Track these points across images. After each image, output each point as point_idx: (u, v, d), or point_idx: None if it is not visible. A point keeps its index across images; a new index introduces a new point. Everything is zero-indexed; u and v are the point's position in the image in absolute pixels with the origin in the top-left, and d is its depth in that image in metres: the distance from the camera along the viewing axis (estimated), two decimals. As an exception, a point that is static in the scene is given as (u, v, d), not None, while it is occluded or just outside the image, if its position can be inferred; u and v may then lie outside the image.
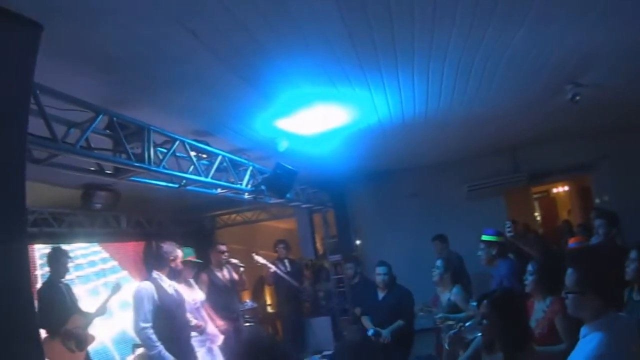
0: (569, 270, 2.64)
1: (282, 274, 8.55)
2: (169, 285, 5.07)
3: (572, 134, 8.46)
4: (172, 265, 5.11)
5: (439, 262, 5.82)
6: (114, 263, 7.95)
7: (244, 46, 3.44)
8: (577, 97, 5.39)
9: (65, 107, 3.13)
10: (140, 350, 5.78)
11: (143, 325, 4.65)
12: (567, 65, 4.82)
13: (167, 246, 5.21)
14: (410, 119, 6.03)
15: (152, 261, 5.24)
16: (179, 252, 5.20)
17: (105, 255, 7.96)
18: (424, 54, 4.06)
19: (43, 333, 5.63)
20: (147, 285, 4.86)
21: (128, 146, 3.71)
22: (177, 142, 4.29)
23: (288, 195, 6.31)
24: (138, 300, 4.77)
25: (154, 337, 4.63)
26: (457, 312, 5.38)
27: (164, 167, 4.16)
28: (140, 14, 2.79)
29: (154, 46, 3.25)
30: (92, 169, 3.81)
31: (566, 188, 12.98)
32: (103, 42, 3.06)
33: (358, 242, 10.09)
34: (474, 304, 4.21)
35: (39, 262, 6.45)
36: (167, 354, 4.59)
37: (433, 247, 8.08)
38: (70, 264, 6.19)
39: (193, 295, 6.03)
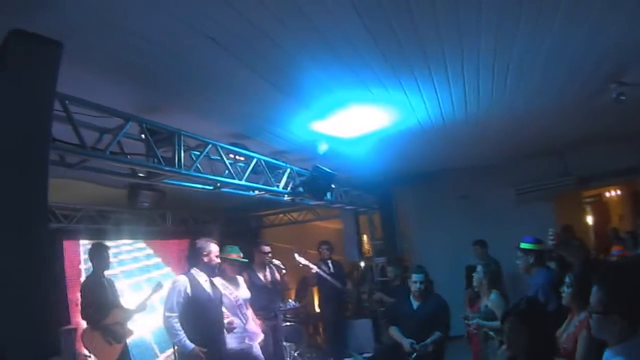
0: (594, 288, 2.42)
1: (324, 274, 8.65)
2: (205, 281, 5.18)
3: (622, 135, 8.17)
4: (205, 260, 5.18)
5: (479, 268, 5.78)
6: (158, 260, 8.28)
7: (269, 54, 3.58)
8: (622, 97, 5.22)
9: (97, 115, 3.33)
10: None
11: (168, 314, 4.83)
12: (605, 63, 4.69)
13: (201, 242, 5.34)
14: (450, 120, 6.02)
15: (190, 257, 5.39)
16: (213, 248, 5.24)
17: (150, 251, 8.31)
18: (455, 55, 4.07)
19: (84, 324, 6.00)
20: (181, 279, 5.04)
21: (159, 150, 3.93)
22: (210, 146, 4.46)
23: (328, 197, 6.42)
24: (169, 291, 4.98)
25: (177, 325, 4.80)
26: (493, 319, 5.35)
27: (195, 170, 4.34)
28: (164, 28, 2.98)
29: (181, 56, 3.46)
30: (125, 172, 4.00)
31: (619, 192, 12.53)
32: (135, 56, 3.30)
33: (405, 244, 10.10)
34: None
35: (83, 257, 6.83)
36: (188, 342, 4.75)
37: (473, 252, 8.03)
38: (111, 259, 6.47)
39: (236, 292, 6.10)
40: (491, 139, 7.52)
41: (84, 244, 6.89)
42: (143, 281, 7.80)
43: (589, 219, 12.39)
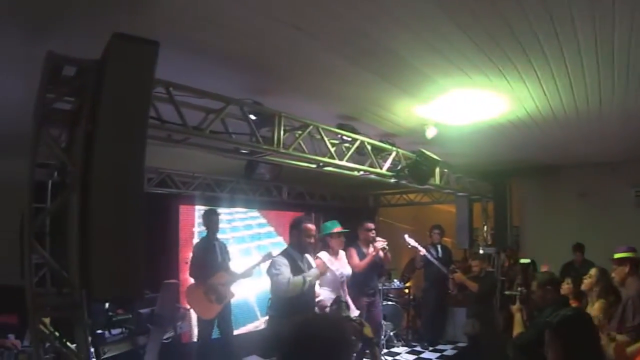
0: None
1: (431, 258, 8.94)
2: (302, 262, 5.52)
3: None
4: (297, 239, 5.52)
5: (592, 271, 5.73)
6: (270, 229, 8.99)
7: (366, 47, 3.94)
8: None
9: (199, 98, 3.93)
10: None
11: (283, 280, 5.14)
12: None
13: (297, 220, 5.71)
14: (561, 113, 6.03)
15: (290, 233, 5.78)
16: (309, 228, 5.52)
17: (263, 220, 9.04)
18: (554, 46, 4.04)
19: (191, 281, 6.81)
20: (279, 257, 5.42)
21: (264, 129, 4.51)
22: (311, 127, 4.92)
23: (432, 182, 6.69)
24: (278, 265, 5.26)
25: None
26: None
27: (296, 150, 4.84)
28: (260, 25, 3.47)
29: (280, 49, 3.97)
30: (229, 149, 4.59)
31: None
32: (236, 46, 3.86)
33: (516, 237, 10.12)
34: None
35: (197, 221, 7.68)
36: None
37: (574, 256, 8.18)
38: (224, 225, 7.21)
39: (341, 268, 6.53)
40: (610, 136, 7.36)
41: (199, 210, 7.72)
42: (253, 247, 8.57)
43: None
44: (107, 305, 5.45)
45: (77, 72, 3.05)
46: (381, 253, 7.44)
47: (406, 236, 8.82)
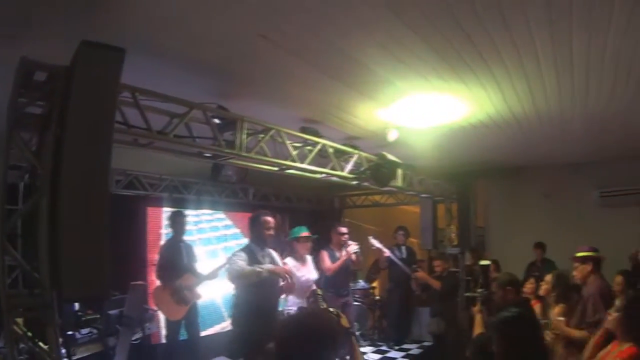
0: None
1: (395, 259, 9.17)
2: (263, 256, 5.69)
3: None
4: (257, 232, 5.72)
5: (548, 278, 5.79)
6: (236, 230, 9.13)
7: (326, 53, 4.10)
8: None
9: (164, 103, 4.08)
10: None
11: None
12: None
13: (256, 214, 5.92)
14: (522, 116, 6.20)
15: (249, 230, 5.95)
16: (266, 220, 5.74)
17: (229, 222, 9.18)
18: (511, 52, 4.16)
19: (157, 283, 6.93)
20: (239, 253, 5.57)
21: (227, 134, 4.70)
22: (273, 131, 5.08)
23: (394, 184, 6.89)
24: (234, 258, 5.46)
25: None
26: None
27: (259, 153, 5.00)
28: (225, 30, 3.62)
29: (244, 55, 4.13)
30: (192, 152, 4.74)
31: None
32: (202, 52, 4.03)
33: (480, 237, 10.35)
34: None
35: (164, 223, 7.80)
36: None
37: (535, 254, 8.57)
38: (187, 226, 7.33)
39: (307, 274, 6.67)
40: (573, 138, 7.54)
41: (167, 211, 7.84)
42: (220, 249, 8.71)
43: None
44: (77, 306, 5.53)
45: (48, 77, 3.19)
46: (353, 257, 7.64)
47: (370, 238, 9.05)
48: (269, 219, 5.72)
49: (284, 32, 3.69)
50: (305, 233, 6.78)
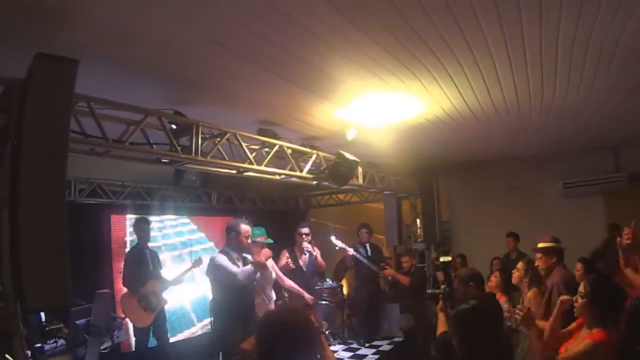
0: None
1: (360, 257, 9.30)
2: (237, 258, 5.85)
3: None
4: (236, 240, 5.84)
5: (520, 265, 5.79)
6: (201, 235, 9.22)
7: (279, 56, 4.22)
8: None
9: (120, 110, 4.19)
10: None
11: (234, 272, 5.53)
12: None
13: (233, 221, 6.01)
14: (479, 111, 6.34)
15: (225, 235, 6.08)
16: (243, 229, 5.86)
17: (193, 227, 9.28)
18: (462, 47, 4.23)
19: (124, 290, 7.00)
20: (219, 256, 5.74)
21: (184, 139, 4.85)
22: (228, 134, 5.22)
23: (355, 182, 7.05)
24: (220, 262, 5.63)
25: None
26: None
27: (217, 157, 5.16)
28: (176, 36, 3.73)
29: (196, 59, 4.23)
30: (150, 158, 4.85)
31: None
32: (155, 58, 4.13)
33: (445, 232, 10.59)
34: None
35: (129, 230, 7.87)
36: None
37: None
38: (155, 233, 7.42)
39: (263, 273, 6.73)
40: (533, 130, 7.71)
41: (130, 218, 7.91)
42: (185, 254, 8.80)
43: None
44: (43, 317, 5.57)
45: (5, 90, 3.30)
46: (291, 266, 7.66)
47: (333, 238, 9.14)
48: (247, 227, 5.88)
49: (236, 38, 3.82)
50: (260, 238, 6.85)
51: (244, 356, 3.03)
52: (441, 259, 6.49)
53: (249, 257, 6.10)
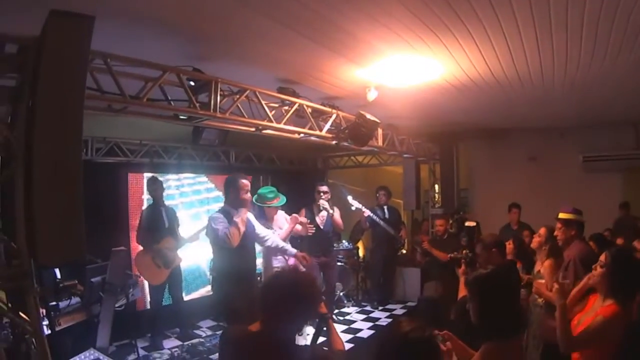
0: None
1: (377, 219, 9.30)
2: (236, 215, 5.61)
3: None
4: (233, 195, 5.65)
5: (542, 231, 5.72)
6: (219, 193, 9.23)
7: (299, 12, 4.09)
8: None
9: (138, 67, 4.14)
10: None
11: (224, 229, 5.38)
12: None
13: (230, 177, 5.84)
14: (502, 78, 6.25)
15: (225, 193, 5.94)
16: (241, 183, 5.63)
17: (211, 185, 9.29)
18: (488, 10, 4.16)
19: (139, 247, 7.05)
20: (216, 214, 5.63)
21: (202, 95, 4.82)
22: (248, 91, 5.17)
23: (379, 144, 7.00)
24: (214, 221, 5.49)
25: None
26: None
27: (234, 114, 5.12)
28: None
29: (215, 14, 4.12)
30: (168, 115, 4.82)
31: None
32: (172, 14, 4.02)
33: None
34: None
35: (145, 188, 7.91)
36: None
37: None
38: (171, 191, 7.44)
39: (278, 231, 6.73)
40: (555, 101, 7.61)
41: (148, 177, 7.93)
42: (203, 212, 8.83)
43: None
44: (58, 274, 5.62)
45: (19, 49, 3.25)
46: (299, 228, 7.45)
47: (349, 198, 9.07)
48: (246, 181, 5.70)
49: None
50: (274, 201, 6.81)
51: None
52: (466, 224, 6.46)
53: (251, 215, 5.95)
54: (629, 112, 8.27)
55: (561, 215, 5.28)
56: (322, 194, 8.02)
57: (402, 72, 5.89)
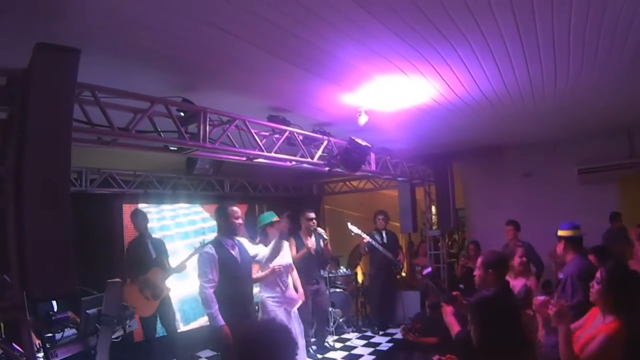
0: None
1: (376, 244, 9.34)
2: (233, 247, 5.72)
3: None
4: (225, 223, 5.71)
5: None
6: (214, 223, 9.23)
7: (285, 40, 4.18)
8: None
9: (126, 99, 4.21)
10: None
11: (203, 284, 5.45)
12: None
13: (221, 205, 5.93)
14: (492, 95, 6.29)
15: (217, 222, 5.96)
16: (232, 210, 5.71)
17: (206, 215, 9.33)
18: (475, 32, 4.23)
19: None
20: (208, 249, 5.63)
21: (192, 126, 4.87)
22: (237, 121, 5.24)
23: (368, 168, 7.04)
24: (201, 261, 5.56)
25: (211, 296, 5.40)
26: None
27: (224, 144, 5.16)
28: (179, 24, 3.74)
29: (201, 46, 4.22)
30: (158, 146, 4.87)
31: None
32: (158, 46, 4.10)
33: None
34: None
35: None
36: (220, 318, 5.33)
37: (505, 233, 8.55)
38: (164, 221, 7.49)
39: (278, 259, 6.63)
40: (547, 115, 7.65)
41: (143, 207, 7.99)
42: (198, 242, 8.82)
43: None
44: (55, 306, 5.63)
45: (8, 81, 3.32)
46: (322, 243, 7.78)
47: (349, 224, 9.16)
48: (235, 208, 5.76)
49: (241, 24, 3.82)
50: (275, 218, 6.80)
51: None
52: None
53: (246, 241, 6.06)
54: (621, 120, 8.31)
55: (560, 233, 5.29)
56: (312, 221, 8.10)
57: (391, 95, 5.97)
